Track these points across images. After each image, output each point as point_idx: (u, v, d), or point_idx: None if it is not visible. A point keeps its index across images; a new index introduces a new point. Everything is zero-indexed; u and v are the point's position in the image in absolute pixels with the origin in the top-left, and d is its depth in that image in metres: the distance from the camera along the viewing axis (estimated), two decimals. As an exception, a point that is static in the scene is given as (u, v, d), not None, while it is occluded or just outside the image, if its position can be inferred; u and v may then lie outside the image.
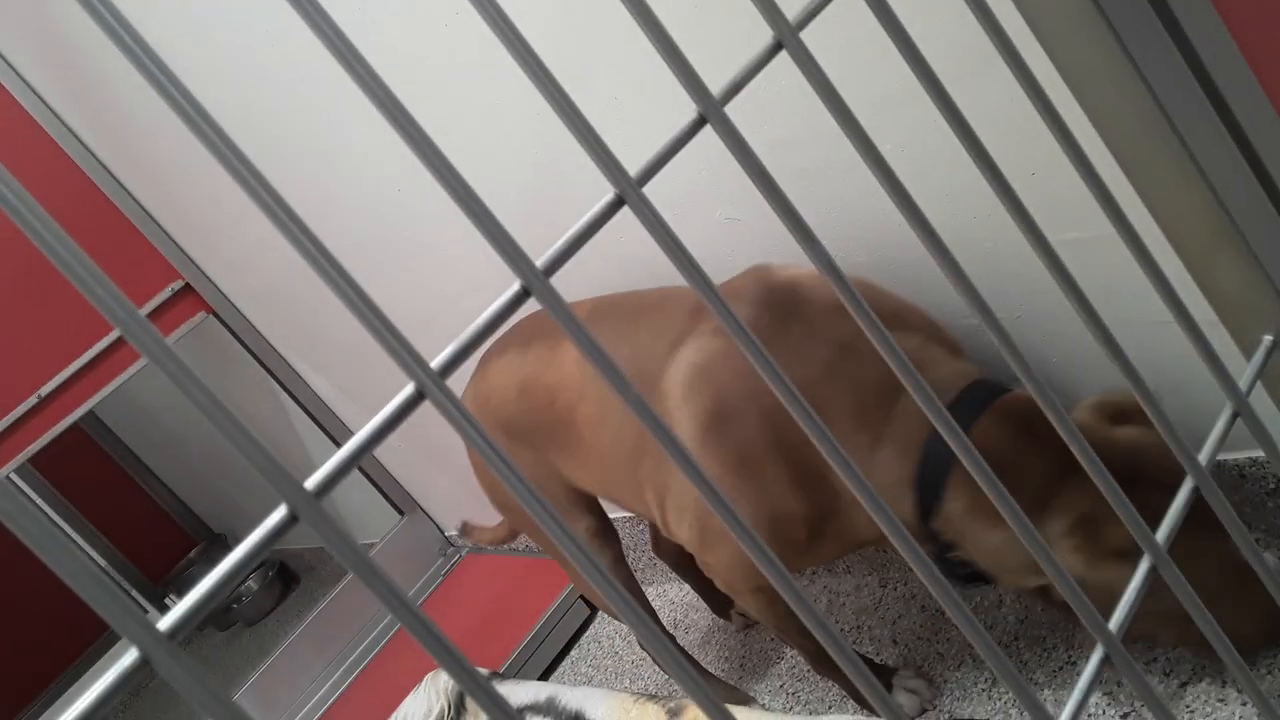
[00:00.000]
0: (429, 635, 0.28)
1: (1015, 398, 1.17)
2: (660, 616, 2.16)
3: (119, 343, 2.64)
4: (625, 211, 0.38)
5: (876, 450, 1.18)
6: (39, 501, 3.54)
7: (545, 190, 1.69)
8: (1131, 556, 1.04)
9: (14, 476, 2.62)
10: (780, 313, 1.24)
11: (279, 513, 0.26)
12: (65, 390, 2.60)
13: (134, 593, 3.71)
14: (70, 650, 4.41)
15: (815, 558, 1.35)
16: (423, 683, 1.88)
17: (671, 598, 2.20)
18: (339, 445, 0.30)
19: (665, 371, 1.32)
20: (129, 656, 0.23)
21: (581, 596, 2.40)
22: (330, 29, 0.30)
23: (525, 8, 1.43)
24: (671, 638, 1.97)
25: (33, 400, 2.56)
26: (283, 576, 4.02)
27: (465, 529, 2.14)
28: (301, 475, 0.28)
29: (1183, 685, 1.28)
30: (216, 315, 2.81)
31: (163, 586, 4.55)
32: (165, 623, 0.23)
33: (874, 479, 1.17)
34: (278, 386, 2.90)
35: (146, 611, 3.36)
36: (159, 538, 4.71)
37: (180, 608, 0.24)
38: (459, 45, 1.60)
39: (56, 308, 2.59)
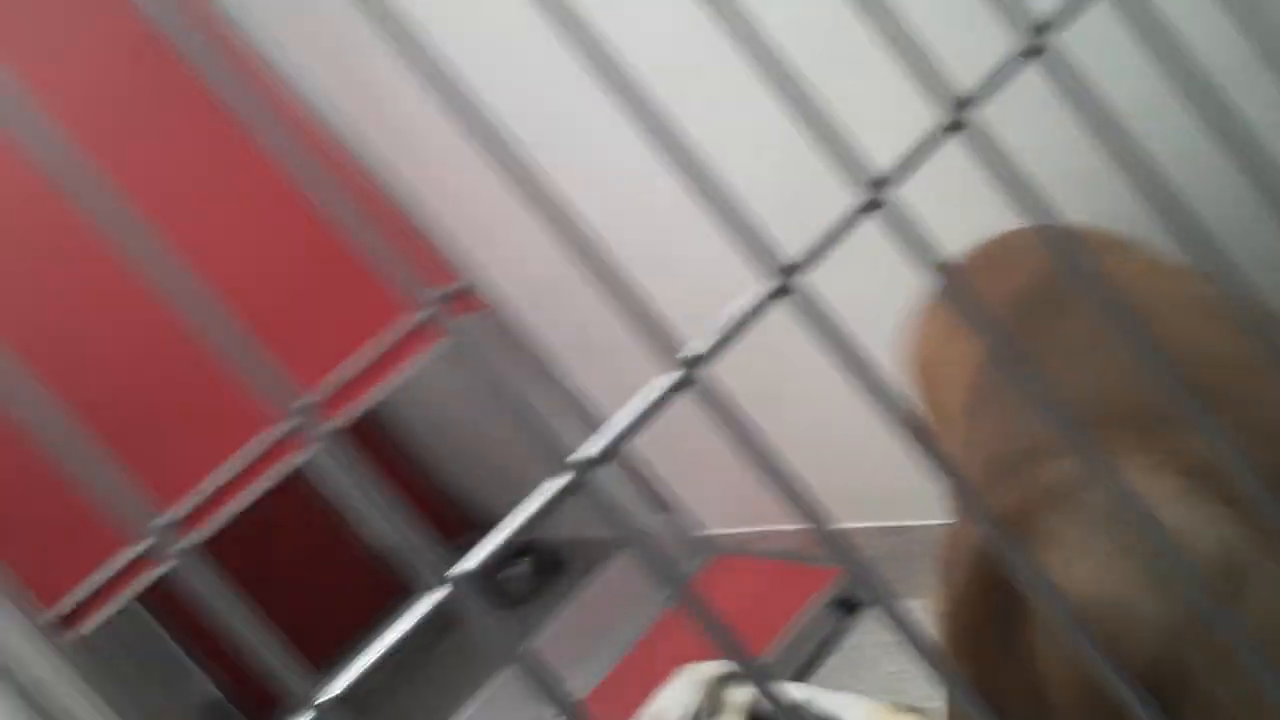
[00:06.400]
0: (703, 613, 0.31)
1: None
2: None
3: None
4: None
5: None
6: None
7: (793, 197, 1.72)
8: None
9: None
10: (1054, 295, 0.98)
11: (562, 479, 0.29)
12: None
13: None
14: (376, 602, 4.74)
15: None
16: (677, 677, 1.90)
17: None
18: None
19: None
20: (439, 593, 0.27)
21: (840, 601, 2.33)
22: (603, 60, 0.34)
23: (778, 35, 1.46)
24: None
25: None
26: (545, 563, 4.16)
27: None
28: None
29: None
30: (491, 313, 2.98)
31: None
32: (469, 564, 0.27)
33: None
34: (544, 383, 3.03)
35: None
36: (432, 523, 5.02)
37: (482, 550, 0.28)
38: (714, 71, 1.64)
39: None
